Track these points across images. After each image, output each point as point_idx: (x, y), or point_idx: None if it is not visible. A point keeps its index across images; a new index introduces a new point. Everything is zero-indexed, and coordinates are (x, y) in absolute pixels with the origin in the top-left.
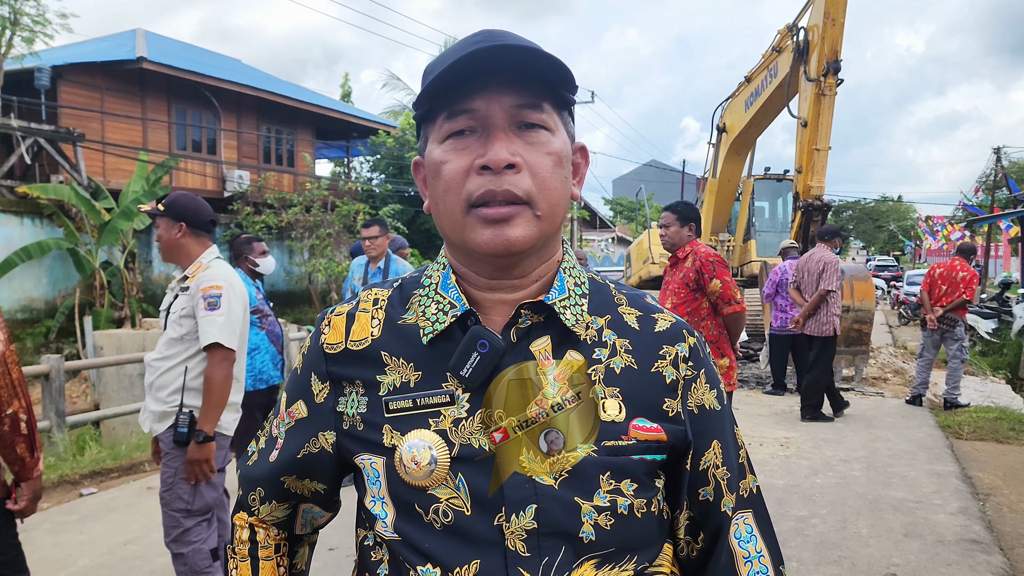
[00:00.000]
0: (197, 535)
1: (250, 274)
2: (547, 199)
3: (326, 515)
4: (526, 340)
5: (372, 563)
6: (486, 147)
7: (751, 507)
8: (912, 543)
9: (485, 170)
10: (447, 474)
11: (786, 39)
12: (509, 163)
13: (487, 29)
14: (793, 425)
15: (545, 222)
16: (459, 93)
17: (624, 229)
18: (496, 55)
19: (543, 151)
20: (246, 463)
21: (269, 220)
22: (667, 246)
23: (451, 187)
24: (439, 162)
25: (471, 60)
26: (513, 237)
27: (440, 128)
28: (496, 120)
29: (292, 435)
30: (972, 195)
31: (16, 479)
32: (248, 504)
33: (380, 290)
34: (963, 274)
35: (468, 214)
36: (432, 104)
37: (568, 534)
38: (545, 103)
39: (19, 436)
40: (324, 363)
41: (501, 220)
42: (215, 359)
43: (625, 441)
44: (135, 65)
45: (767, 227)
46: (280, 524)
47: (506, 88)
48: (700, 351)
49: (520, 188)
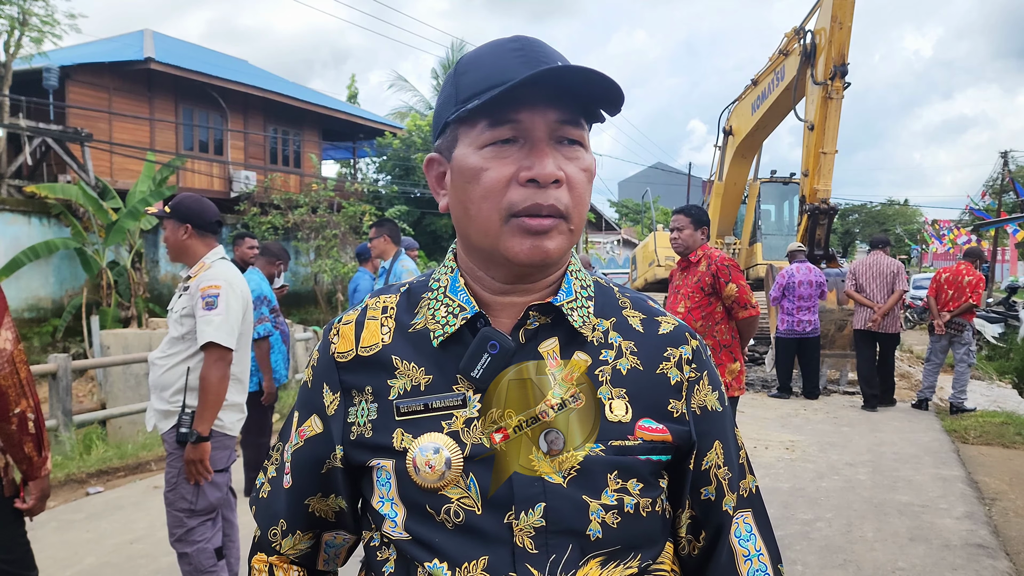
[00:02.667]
0: (201, 535)
1: (269, 278)
2: (580, 213)
3: (349, 541)
4: (534, 341)
5: (378, 563)
6: (532, 160)
7: (750, 506)
8: (918, 547)
9: (531, 183)
10: (460, 475)
11: (793, 42)
12: (556, 178)
13: (523, 36)
14: (798, 428)
15: (576, 235)
16: (505, 102)
17: (630, 231)
18: (562, 75)
19: (579, 167)
20: (258, 497)
21: (275, 221)
22: (679, 249)
23: (490, 195)
24: (478, 168)
25: (538, 79)
26: (551, 249)
27: (480, 134)
28: (540, 134)
29: (308, 451)
30: (979, 199)
31: (24, 478)
32: (268, 541)
33: (388, 296)
34: (969, 278)
35: (507, 223)
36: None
37: (576, 532)
38: (582, 119)
39: (27, 435)
40: (336, 372)
41: (542, 232)
42: (211, 358)
43: (632, 441)
44: (143, 65)
45: (773, 230)
46: (302, 559)
47: (551, 103)
48: (702, 353)
49: (562, 203)
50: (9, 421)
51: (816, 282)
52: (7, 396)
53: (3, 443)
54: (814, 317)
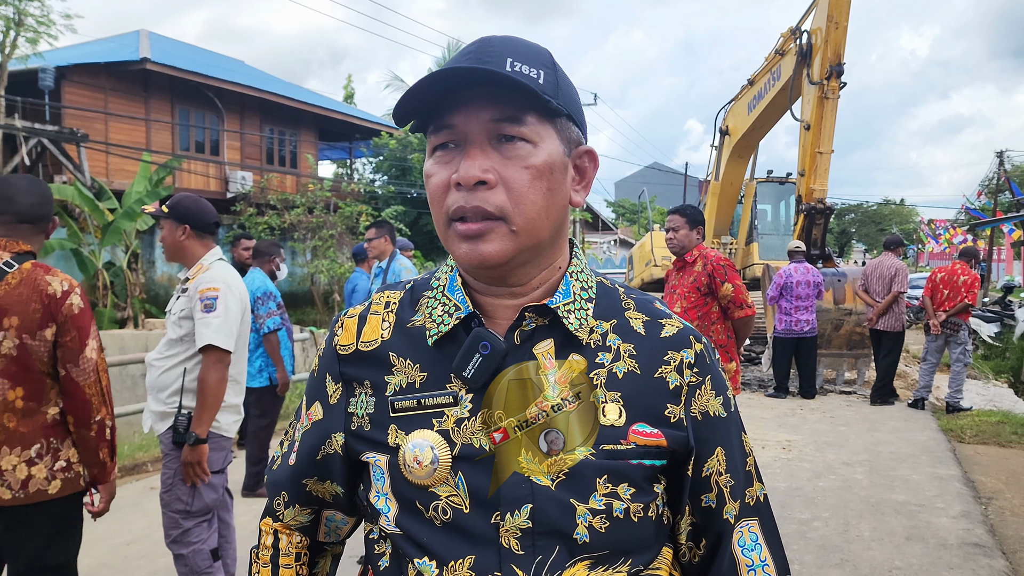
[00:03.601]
0: (197, 536)
1: (271, 276)
2: (523, 213)
3: (350, 522)
4: (530, 343)
5: (375, 555)
6: (461, 163)
7: (757, 515)
8: (914, 546)
9: (459, 186)
10: (448, 473)
11: (789, 42)
12: (480, 180)
13: (483, 37)
14: (795, 428)
15: (523, 236)
16: (442, 107)
17: (626, 231)
18: (465, 76)
19: (520, 165)
20: (271, 468)
21: (272, 221)
22: (675, 249)
23: (435, 200)
24: (428, 174)
25: (444, 78)
26: (487, 252)
27: (430, 141)
28: (473, 135)
29: (310, 437)
30: (975, 199)
31: (93, 481)
32: (274, 509)
33: (392, 292)
34: (965, 278)
35: (449, 228)
36: (422, 117)
37: (562, 534)
38: (529, 115)
39: (103, 441)
40: (337, 364)
41: (475, 236)
42: (209, 361)
43: (624, 445)
44: (139, 66)
45: (769, 230)
46: (304, 530)
47: (486, 103)
48: (707, 357)
49: (492, 204)
50: (90, 428)
51: (814, 282)
52: (91, 404)
53: (80, 448)
54: (812, 317)
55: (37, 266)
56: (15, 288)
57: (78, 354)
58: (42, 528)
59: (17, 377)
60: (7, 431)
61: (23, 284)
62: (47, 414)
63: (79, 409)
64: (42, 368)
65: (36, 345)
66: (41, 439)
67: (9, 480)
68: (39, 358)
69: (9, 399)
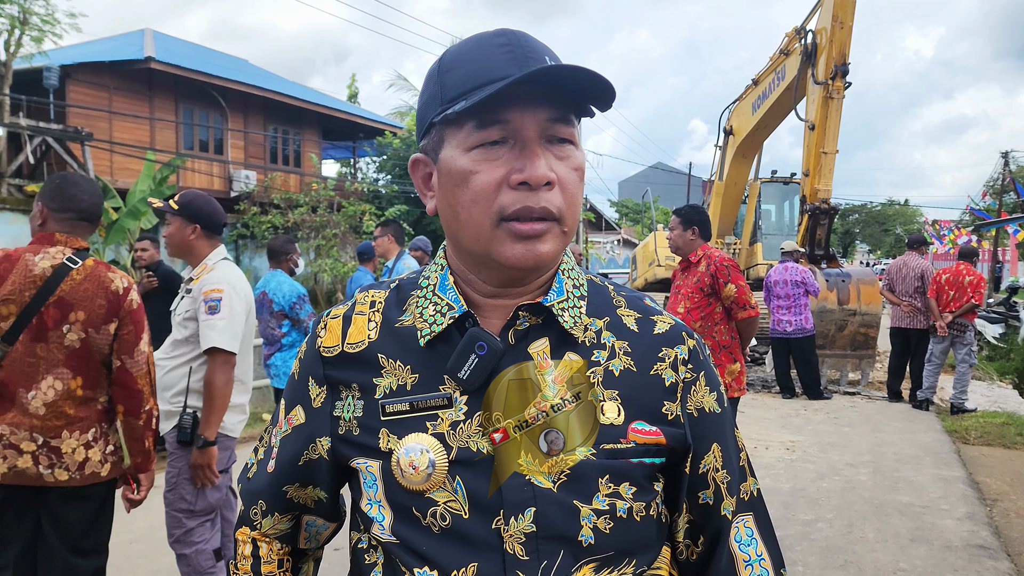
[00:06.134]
0: (200, 535)
1: (290, 273)
2: (572, 215)
3: (330, 527)
4: (524, 342)
5: (366, 566)
6: (523, 162)
7: (752, 510)
8: (919, 548)
9: (523, 185)
10: (445, 478)
11: (794, 42)
12: (547, 180)
13: (508, 30)
14: (799, 429)
15: (569, 236)
16: (494, 102)
17: (630, 231)
18: (554, 75)
19: (571, 166)
20: (246, 476)
21: (275, 220)
22: (672, 249)
23: (480, 198)
24: (467, 171)
25: (529, 79)
26: (543, 252)
27: (468, 136)
28: (530, 134)
29: (290, 442)
30: (979, 199)
31: (135, 470)
32: (250, 518)
33: (377, 292)
34: (970, 278)
35: (498, 227)
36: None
37: (567, 538)
38: (572, 115)
39: (150, 430)
40: (321, 367)
41: (534, 236)
42: (215, 363)
43: (624, 444)
44: (143, 65)
45: (773, 230)
46: (283, 538)
47: (541, 102)
48: (700, 353)
49: (554, 205)
50: (139, 417)
51: (792, 281)
52: (142, 394)
53: (127, 437)
54: (796, 317)
55: (99, 263)
56: (80, 284)
57: (134, 347)
58: (88, 508)
59: (79, 368)
60: (67, 417)
61: (88, 280)
62: (99, 401)
63: (131, 398)
64: (101, 359)
65: (99, 338)
66: (96, 424)
67: (67, 462)
68: (99, 350)
69: (71, 388)
